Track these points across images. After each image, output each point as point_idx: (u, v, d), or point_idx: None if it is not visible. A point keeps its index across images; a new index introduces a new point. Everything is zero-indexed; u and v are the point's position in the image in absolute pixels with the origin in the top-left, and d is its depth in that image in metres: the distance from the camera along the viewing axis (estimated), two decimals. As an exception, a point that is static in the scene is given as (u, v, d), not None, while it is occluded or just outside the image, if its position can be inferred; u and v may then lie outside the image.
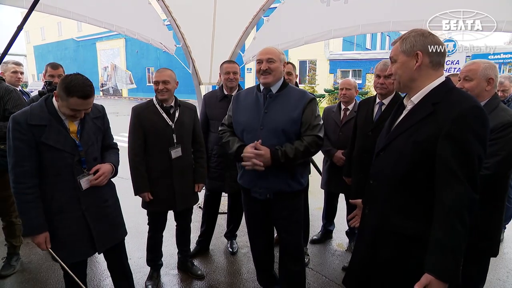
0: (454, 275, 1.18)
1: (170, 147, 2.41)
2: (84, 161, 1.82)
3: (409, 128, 1.33)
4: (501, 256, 3.16)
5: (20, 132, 1.65)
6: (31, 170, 1.69)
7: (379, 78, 2.39)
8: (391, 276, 1.40)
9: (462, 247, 1.19)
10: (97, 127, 1.93)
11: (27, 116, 1.67)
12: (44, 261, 2.94)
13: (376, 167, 1.50)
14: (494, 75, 1.86)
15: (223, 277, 2.80)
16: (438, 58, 1.32)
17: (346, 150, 2.82)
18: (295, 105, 2.02)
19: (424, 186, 1.29)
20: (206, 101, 3.03)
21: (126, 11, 3.90)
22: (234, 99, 2.22)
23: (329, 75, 21.01)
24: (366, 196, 1.58)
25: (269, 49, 2.06)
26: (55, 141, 1.71)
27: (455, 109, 1.21)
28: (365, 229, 1.55)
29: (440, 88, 1.31)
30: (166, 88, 2.37)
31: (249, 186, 2.13)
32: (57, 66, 3.01)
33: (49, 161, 1.73)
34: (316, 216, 3.73)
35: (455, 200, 1.18)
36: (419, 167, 1.29)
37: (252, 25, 4.25)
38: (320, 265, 2.99)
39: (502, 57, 15.66)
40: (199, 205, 4.17)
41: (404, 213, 1.34)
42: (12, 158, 1.68)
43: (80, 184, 1.80)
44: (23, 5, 2.93)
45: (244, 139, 2.08)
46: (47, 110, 1.73)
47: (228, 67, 2.91)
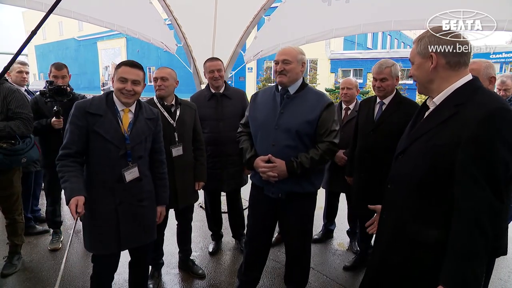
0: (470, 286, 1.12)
1: (171, 145, 2.41)
2: (129, 154, 1.87)
3: (429, 130, 1.27)
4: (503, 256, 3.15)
5: (77, 118, 1.79)
6: (76, 154, 1.81)
7: (376, 81, 2.39)
8: (406, 283, 1.36)
9: (483, 258, 1.11)
10: (149, 127, 1.98)
11: (87, 104, 1.82)
12: (46, 260, 2.95)
13: (395, 170, 1.44)
14: (495, 74, 1.87)
15: (224, 276, 2.81)
16: (456, 58, 1.25)
17: (348, 149, 2.81)
18: (312, 108, 2.01)
19: (443, 192, 1.22)
20: (195, 101, 2.92)
21: (127, 10, 3.90)
22: (252, 98, 2.25)
23: (330, 74, 21.00)
24: (384, 201, 1.52)
25: (285, 50, 2.04)
26: (105, 131, 1.80)
27: (480, 111, 1.13)
28: (381, 235, 1.51)
29: (464, 89, 1.24)
30: (164, 85, 2.38)
31: (262, 184, 2.13)
32: (61, 67, 3.04)
33: (97, 150, 1.82)
34: (317, 216, 3.70)
35: (475, 207, 1.11)
36: (439, 171, 1.22)
37: (253, 25, 4.25)
38: (321, 265, 2.99)
39: (503, 56, 15.63)
40: (200, 205, 4.18)
41: (422, 219, 1.28)
42: (65, 139, 1.81)
43: (124, 176, 1.85)
44: (24, 5, 2.94)
45: (259, 138, 2.11)
46: (106, 102, 1.86)
47: (211, 65, 2.85)
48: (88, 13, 3.54)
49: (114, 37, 28.71)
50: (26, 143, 2.58)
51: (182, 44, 4.37)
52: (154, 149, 2.07)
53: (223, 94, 2.90)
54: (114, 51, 30.01)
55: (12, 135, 2.48)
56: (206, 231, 3.45)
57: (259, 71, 22.67)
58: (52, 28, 34.23)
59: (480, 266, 1.12)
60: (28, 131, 2.56)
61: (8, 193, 2.67)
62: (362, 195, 2.50)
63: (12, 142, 2.50)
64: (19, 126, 2.49)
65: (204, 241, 3.39)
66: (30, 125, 2.57)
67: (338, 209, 3.45)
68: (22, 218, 2.83)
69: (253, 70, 23.14)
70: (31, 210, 3.61)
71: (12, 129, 2.45)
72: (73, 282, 2.63)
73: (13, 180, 2.67)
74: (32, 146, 2.63)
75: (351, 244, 3.29)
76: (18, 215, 2.77)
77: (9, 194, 2.68)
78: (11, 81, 3.35)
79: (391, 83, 2.36)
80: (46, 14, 1.80)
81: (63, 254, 3.04)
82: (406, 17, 2.89)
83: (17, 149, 2.52)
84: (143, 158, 1.96)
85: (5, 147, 2.46)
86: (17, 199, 2.74)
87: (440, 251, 1.20)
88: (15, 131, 2.47)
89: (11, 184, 2.66)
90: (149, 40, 4.25)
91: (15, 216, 2.75)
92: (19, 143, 2.53)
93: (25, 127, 2.53)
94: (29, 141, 2.61)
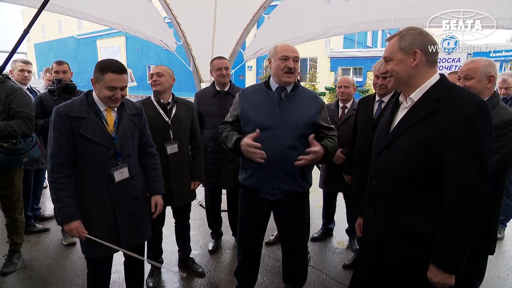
0: (455, 267, 1.24)
1: (166, 143, 2.41)
2: (119, 153, 1.85)
3: (412, 125, 1.32)
4: (502, 254, 3.17)
5: (60, 123, 1.72)
6: (67, 161, 1.75)
7: (378, 78, 2.38)
8: (402, 275, 1.39)
9: (468, 242, 1.22)
10: (134, 123, 1.95)
11: (68, 108, 1.75)
12: (46, 259, 2.96)
13: (378, 167, 1.47)
14: (494, 73, 1.87)
15: (224, 274, 2.81)
16: (434, 57, 1.34)
17: (345, 148, 2.81)
18: (310, 106, 2.02)
19: (430, 184, 1.28)
20: (199, 98, 3.03)
21: (126, 8, 3.90)
22: (240, 96, 2.12)
23: (330, 73, 20.97)
24: (368, 197, 1.56)
25: (293, 47, 1.98)
26: (92, 134, 1.76)
27: (463, 106, 1.20)
28: (370, 230, 1.53)
29: (439, 85, 1.32)
30: (159, 81, 2.39)
31: (260, 186, 2.05)
32: (62, 62, 3.18)
33: (85, 154, 1.78)
34: (316, 214, 3.74)
35: (463, 196, 1.19)
36: (425, 165, 1.28)
37: (253, 23, 4.25)
38: (321, 263, 3.00)
39: (503, 55, 15.60)
40: (199, 203, 4.19)
41: (410, 212, 1.33)
42: (51, 148, 1.74)
43: (113, 176, 1.82)
44: (23, 3, 2.93)
45: (258, 138, 1.96)
46: (87, 104, 1.79)
47: (220, 63, 2.91)
48: (88, 11, 3.54)
49: (114, 36, 28.63)
50: (27, 142, 2.58)
51: (182, 42, 4.37)
52: (141, 144, 2.05)
53: (228, 92, 2.93)
54: (114, 49, 29.94)
55: (13, 134, 2.47)
56: (205, 229, 3.46)
57: (258, 70, 22.64)
58: (51, 26, 34.13)
59: (465, 249, 1.23)
60: (29, 130, 2.56)
61: (9, 192, 2.67)
62: (362, 193, 2.50)
63: (13, 141, 2.49)
64: (20, 126, 2.49)
65: (204, 240, 3.39)
66: (31, 124, 2.56)
67: (338, 208, 3.45)
68: (23, 217, 2.83)
69: (253, 69, 23.10)
70: (32, 209, 3.61)
71: (13, 129, 2.45)
72: (73, 280, 2.63)
73: (14, 179, 2.67)
74: (34, 145, 2.63)
75: (350, 242, 3.29)
76: (19, 214, 2.77)
77: (10, 193, 2.68)
78: (14, 79, 3.36)
79: None
80: (37, 11, 1.78)
81: (64, 253, 3.05)
82: (406, 15, 2.89)
83: (18, 149, 2.51)
84: (133, 155, 1.95)
85: (6, 146, 2.45)
86: (18, 198, 2.74)
87: (430, 240, 1.27)
88: (16, 131, 2.46)
89: (12, 183, 2.66)
90: (149, 39, 4.25)
91: (16, 215, 2.75)
92: (20, 142, 2.52)
93: (27, 126, 2.53)
94: (31, 141, 2.60)
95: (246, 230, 2.24)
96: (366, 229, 1.61)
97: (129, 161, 1.91)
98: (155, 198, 2.09)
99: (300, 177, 2.04)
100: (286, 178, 2.00)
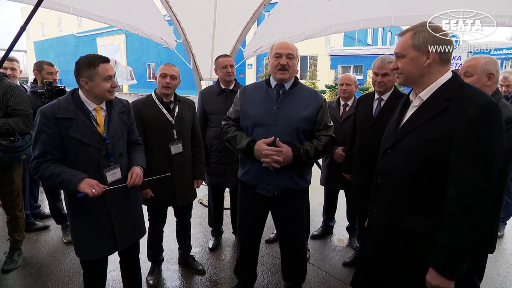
0: (454, 271, 1.20)
1: (170, 143, 2.40)
2: (111, 154, 1.81)
3: (420, 125, 1.29)
4: (502, 251, 3.17)
5: (46, 125, 1.64)
6: (52, 161, 1.68)
7: (377, 76, 2.38)
8: (402, 275, 1.38)
9: (469, 245, 1.19)
10: (123, 121, 1.92)
11: (54, 109, 1.67)
12: (46, 256, 2.97)
13: (384, 165, 1.45)
14: (495, 70, 1.85)
15: (224, 272, 2.82)
16: (448, 55, 1.29)
17: (346, 146, 2.81)
18: (308, 103, 2.01)
19: (435, 184, 1.26)
20: (203, 96, 3.01)
21: (126, 6, 3.89)
22: (241, 93, 2.14)
23: (330, 70, 20.95)
24: (373, 195, 1.54)
25: (288, 44, 1.98)
26: (81, 135, 1.70)
27: (472, 106, 1.17)
28: (373, 229, 1.52)
29: (450, 84, 1.28)
30: (172, 84, 2.36)
31: (256, 182, 2.07)
32: (52, 64, 3.25)
33: (76, 156, 1.72)
34: (316, 212, 3.74)
35: (465, 195, 1.17)
36: (431, 165, 1.25)
37: (253, 20, 4.23)
38: (321, 261, 3.00)
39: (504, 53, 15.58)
40: (199, 201, 4.19)
41: (414, 212, 1.31)
42: (36, 151, 1.67)
43: (106, 177, 1.79)
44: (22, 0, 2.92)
45: (254, 134, 2.02)
46: (74, 103, 1.72)
47: (225, 61, 2.90)
48: (87, 9, 3.53)
49: (114, 33, 28.60)
50: (25, 140, 2.58)
51: (182, 40, 4.36)
52: (130, 142, 2.03)
53: (233, 90, 2.91)
54: (114, 47, 29.89)
55: (11, 132, 2.47)
56: (206, 227, 3.46)
57: (259, 67, 22.63)
58: (51, 24, 34.09)
59: (467, 251, 1.20)
60: (27, 127, 2.56)
61: (8, 189, 2.68)
62: (362, 192, 2.50)
63: (12, 139, 2.50)
64: (18, 123, 2.49)
65: (204, 237, 3.40)
66: (29, 121, 2.56)
67: (338, 205, 3.46)
68: (23, 214, 2.84)
69: (253, 66, 23.09)
70: (31, 207, 3.62)
71: (11, 126, 2.45)
72: (74, 278, 2.64)
73: (14, 177, 2.68)
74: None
75: (350, 240, 3.30)
76: (19, 211, 2.78)
77: (10, 190, 2.69)
78: None
79: (392, 78, 2.34)
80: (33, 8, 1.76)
81: (64, 251, 3.06)
82: (406, 12, 2.88)
83: (17, 146, 2.52)
84: (124, 154, 1.92)
85: (4, 144, 2.46)
86: (18, 195, 2.75)
87: (432, 241, 1.25)
88: (14, 128, 2.47)
89: (11, 180, 2.67)
90: (149, 36, 4.23)
91: (16, 212, 2.76)
92: (18, 140, 2.53)
93: (24, 124, 2.53)
94: (29, 138, 2.60)
95: (244, 226, 2.26)
96: (369, 228, 1.60)
97: (121, 160, 1.89)
98: (133, 168, 1.91)
99: (297, 175, 2.04)
100: (282, 174, 2.00)
